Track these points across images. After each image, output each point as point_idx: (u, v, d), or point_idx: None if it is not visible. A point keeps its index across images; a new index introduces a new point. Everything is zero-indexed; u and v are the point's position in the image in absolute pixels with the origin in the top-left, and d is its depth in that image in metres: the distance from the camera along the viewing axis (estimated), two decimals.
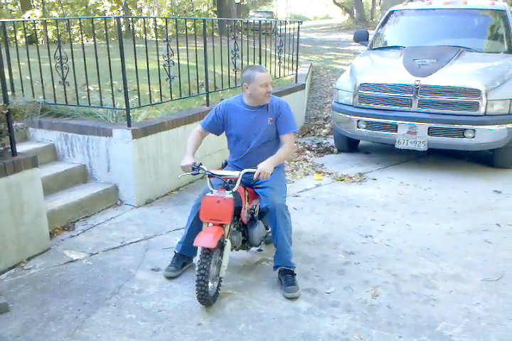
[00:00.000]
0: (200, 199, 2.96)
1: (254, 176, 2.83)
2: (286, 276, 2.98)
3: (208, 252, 2.68)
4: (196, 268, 2.68)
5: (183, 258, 3.18)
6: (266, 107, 3.09)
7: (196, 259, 2.75)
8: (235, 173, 2.88)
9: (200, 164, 2.92)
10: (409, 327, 2.60)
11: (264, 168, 2.82)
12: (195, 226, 2.99)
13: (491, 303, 2.82)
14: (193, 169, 2.91)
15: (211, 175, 2.91)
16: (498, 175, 5.11)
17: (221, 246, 2.78)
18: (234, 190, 2.82)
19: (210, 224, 2.80)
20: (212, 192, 2.85)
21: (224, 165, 3.25)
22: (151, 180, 4.42)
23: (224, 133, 3.26)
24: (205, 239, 2.67)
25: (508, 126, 4.91)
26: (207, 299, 2.71)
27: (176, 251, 3.20)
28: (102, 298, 2.88)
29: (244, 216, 3.00)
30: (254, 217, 3.10)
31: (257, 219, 3.12)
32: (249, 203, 3.05)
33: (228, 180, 2.88)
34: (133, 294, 2.92)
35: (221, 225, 2.78)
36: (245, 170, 2.86)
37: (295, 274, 3.01)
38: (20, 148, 4.12)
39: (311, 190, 4.71)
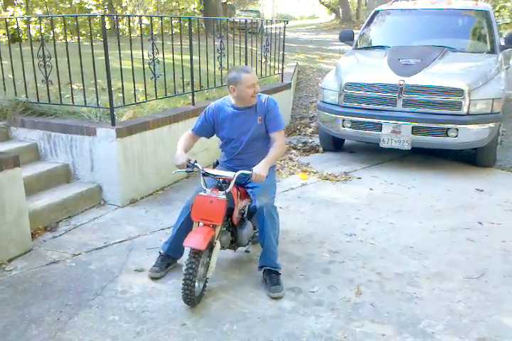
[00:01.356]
0: (192, 201, 2.93)
1: (251, 179, 2.81)
2: (271, 276, 2.97)
3: (197, 252, 2.66)
4: (184, 268, 2.66)
5: (168, 258, 3.16)
6: (254, 107, 3.07)
7: (184, 259, 2.73)
8: (230, 174, 2.84)
9: (195, 161, 2.91)
10: (393, 325, 2.62)
11: (259, 172, 2.79)
12: (184, 228, 2.98)
13: (472, 301, 2.85)
14: (188, 166, 2.89)
15: (205, 174, 2.88)
16: (480, 174, 5.17)
17: (210, 247, 2.76)
18: (227, 190, 2.80)
19: (201, 224, 2.78)
20: (205, 191, 2.82)
21: (215, 165, 3.24)
22: (136, 180, 4.39)
23: (215, 135, 3.24)
24: (196, 240, 2.65)
25: (491, 125, 4.97)
26: (192, 299, 2.70)
27: (161, 252, 3.17)
28: (84, 299, 2.85)
29: (236, 217, 2.98)
30: (244, 218, 3.09)
31: (247, 219, 3.11)
32: (240, 203, 3.03)
33: (222, 180, 2.86)
34: (116, 295, 2.90)
35: (212, 226, 2.76)
36: (240, 172, 2.83)
37: (280, 274, 3.01)
38: (2, 147, 4.09)
39: (296, 189, 4.72)
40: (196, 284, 2.71)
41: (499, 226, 3.87)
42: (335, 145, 6.05)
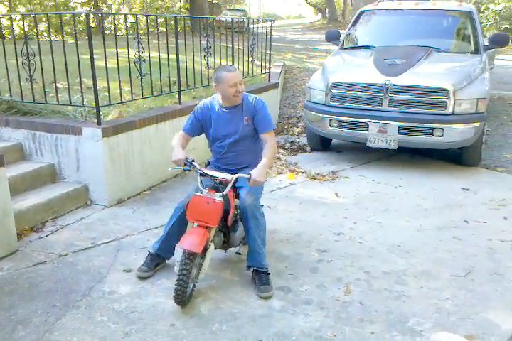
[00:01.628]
0: (185, 202, 2.91)
1: (250, 184, 2.80)
2: (260, 276, 2.97)
3: (192, 254, 2.64)
4: (178, 269, 2.65)
5: (157, 258, 3.15)
6: (241, 107, 3.06)
7: (177, 259, 2.71)
8: (228, 176, 2.83)
9: (193, 160, 2.89)
10: (381, 323, 2.64)
11: (259, 177, 2.78)
12: (176, 228, 2.97)
13: (459, 298, 2.89)
14: (185, 164, 2.87)
15: (202, 174, 2.87)
16: (465, 173, 5.24)
17: (205, 249, 2.74)
18: (224, 192, 2.79)
19: (195, 225, 2.76)
20: (202, 191, 2.80)
21: (206, 166, 3.24)
22: (123, 180, 4.35)
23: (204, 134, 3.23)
24: (192, 243, 2.63)
25: (475, 124, 5.03)
26: (184, 300, 2.69)
27: (151, 251, 3.15)
28: (72, 300, 2.82)
29: (231, 219, 2.97)
30: (237, 219, 3.08)
31: (239, 220, 3.10)
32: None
33: (219, 181, 2.84)
34: (104, 296, 2.87)
35: (206, 227, 2.74)
36: (238, 175, 2.82)
37: (269, 273, 3.01)
38: None
39: (284, 189, 4.73)
40: (189, 285, 2.71)
41: (485, 225, 3.93)
42: (322, 144, 6.07)
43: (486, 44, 6.06)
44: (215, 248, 3.00)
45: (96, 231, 3.74)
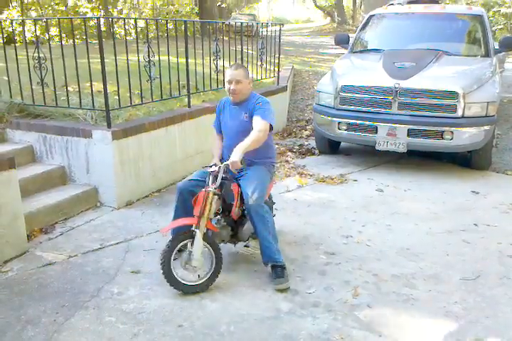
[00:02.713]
0: (181, 185, 3.17)
1: (230, 168, 2.93)
2: (276, 269, 3.05)
3: (174, 235, 2.93)
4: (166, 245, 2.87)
5: None
6: (245, 104, 3.21)
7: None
8: (215, 167, 3.00)
9: (215, 164, 3.10)
10: (389, 327, 2.63)
11: (232, 159, 2.90)
12: (181, 209, 3.18)
13: (468, 302, 2.86)
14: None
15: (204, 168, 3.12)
16: (475, 176, 5.20)
17: (190, 235, 2.89)
18: (217, 183, 2.93)
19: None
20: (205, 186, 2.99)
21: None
22: (132, 182, 4.38)
23: None
24: (172, 223, 2.99)
25: (485, 128, 5.00)
26: (171, 279, 2.84)
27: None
28: (80, 300, 2.84)
29: (235, 213, 3.09)
30: (244, 214, 3.17)
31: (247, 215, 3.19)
32: (240, 200, 3.11)
33: (215, 175, 2.99)
34: (112, 297, 2.89)
35: (198, 217, 2.89)
36: (223, 164, 2.97)
37: (285, 268, 3.07)
38: None
39: (293, 192, 4.73)
40: (173, 268, 2.85)
41: (495, 228, 3.90)
42: (331, 147, 6.06)
43: (496, 47, 6.03)
44: (224, 242, 3.15)
45: (105, 232, 3.76)
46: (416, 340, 2.52)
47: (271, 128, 3.16)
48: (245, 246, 3.35)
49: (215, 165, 3.07)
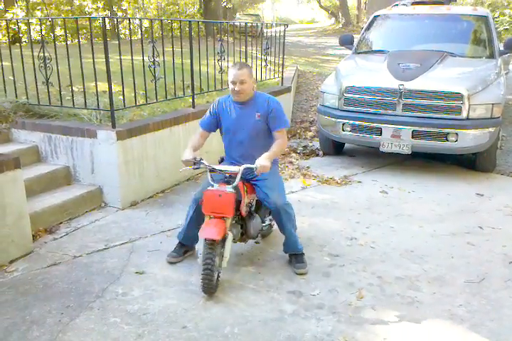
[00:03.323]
0: (198, 194, 3.11)
1: (256, 172, 2.94)
2: (297, 256, 3.27)
3: (212, 243, 2.79)
4: (202, 259, 2.80)
5: (185, 246, 3.36)
6: (253, 104, 3.19)
7: (199, 252, 2.86)
8: (235, 168, 2.97)
9: (201, 159, 3.01)
10: (394, 329, 2.62)
11: (262, 163, 2.92)
12: (194, 218, 3.15)
13: (473, 305, 2.86)
14: (194, 164, 3.00)
15: (212, 170, 3.01)
16: (480, 179, 5.19)
17: (223, 238, 2.88)
18: (234, 184, 2.93)
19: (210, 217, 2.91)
20: (213, 186, 2.94)
21: (220, 162, 3.36)
22: (136, 182, 4.38)
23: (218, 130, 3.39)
24: (210, 232, 2.80)
25: (490, 130, 4.99)
26: (211, 288, 2.83)
27: (178, 240, 3.35)
28: (85, 301, 2.84)
29: (244, 209, 3.10)
30: (252, 211, 3.23)
31: (254, 212, 3.26)
32: (247, 197, 3.13)
33: (228, 175, 2.98)
34: (117, 297, 2.89)
35: (222, 218, 2.88)
36: (244, 166, 2.95)
37: (304, 254, 3.29)
38: (3, 149, 4.08)
39: (296, 193, 4.72)
40: (215, 274, 2.84)
41: (499, 231, 3.88)
42: (335, 149, 6.06)
43: (501, 48, 6.01)
44: (235, 241, 3.16)
45: (109, 233, 3.77)
46: None
47: None
48: (256, 242, 3.46)
49: (197, 158, 2.99)
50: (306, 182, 5.00)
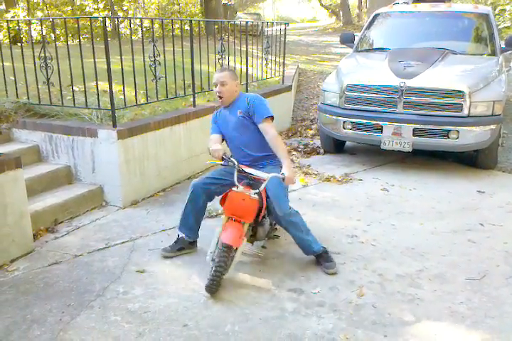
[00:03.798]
0: (197, 182, 3.18)
1: (285, 183, 2.96)
2: (322, 256, 3.23)
3: (229, 248, 2.83)
4: (216, 261, 2.83)
5: (182, 242, 3.37)
6: (236, 104, 3.22)
7: (210, 250, 2.95)
8: (264, 175, 2.96)
9: (231, 156, 3.05)
10: (395, 326, 2.62)
11: (291, 175, 2.95)
12: (190, 208, 3.24)
13: (474, 302, 2.85)
14: (223, 159, 3.01)
15: (239, 171, 3.01)
16: (481, 176, 5.18)
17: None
18: (260, 190, 2.93)
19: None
20: (238, 187, 2.94)
21: (223, 159, 3.35)
22: (137, 181, 4.39)
23: None
24: (231, 237, 2.83)
25: (492, 127, 4.98)
26: (215, 289, 2.85)
27: (179, 235, 3.41)
28: (86, 300, 2.85)
29: (262, 216, 3.11)
30: (264, 214, 3.22)
31: (266, 216, 3.26)
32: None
33: (253, 178, 3.00)
34: (118, 296, 2.90)
35: (240, 222, 2.90)
36: (273, 175, 2.93)
37: (328, 252, 3.26)
38: (4, 148, 4.09)
39: (297, 191, 4.72)
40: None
41: (500, 228, 3.88)
42: (336, 147, 6.05)
43: (503, 46, 5.99)
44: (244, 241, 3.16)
45: (110, 232, 3.78)
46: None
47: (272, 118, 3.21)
48: (262, 246, 3.46)
49: (227, 155, 3.03)
50: (307, 180, 5.00)
